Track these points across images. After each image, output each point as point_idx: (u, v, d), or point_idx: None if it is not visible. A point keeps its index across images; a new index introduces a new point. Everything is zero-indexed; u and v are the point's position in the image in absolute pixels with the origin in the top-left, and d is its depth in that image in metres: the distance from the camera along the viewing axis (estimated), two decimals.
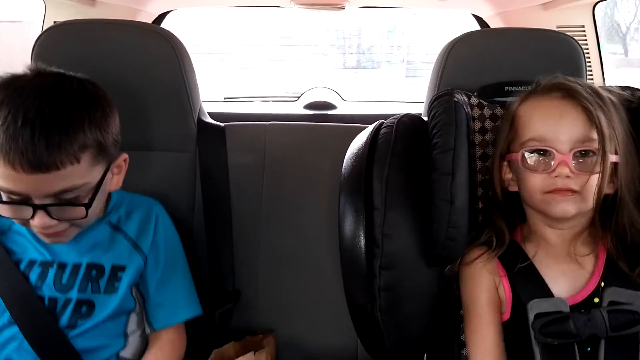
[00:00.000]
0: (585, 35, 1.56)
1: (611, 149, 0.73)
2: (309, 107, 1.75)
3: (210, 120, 1.13)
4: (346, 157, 0.87)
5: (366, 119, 1.07)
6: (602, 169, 0.72)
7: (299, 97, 1.88)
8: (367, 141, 0.85)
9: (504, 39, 1.01)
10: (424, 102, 1.04)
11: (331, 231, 0.92)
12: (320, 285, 1.07)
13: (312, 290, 1.08)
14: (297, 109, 1.77)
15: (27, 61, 1.00)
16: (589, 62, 1.56)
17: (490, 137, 0.87)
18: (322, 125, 1.23)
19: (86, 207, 0.76)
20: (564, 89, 0.76)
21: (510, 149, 0.80)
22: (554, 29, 1.52)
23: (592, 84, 0.79)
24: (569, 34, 1.03)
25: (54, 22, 1.47)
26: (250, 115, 1.67)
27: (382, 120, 0.89)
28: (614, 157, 0.74)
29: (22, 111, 0.70)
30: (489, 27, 1.76)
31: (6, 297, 0.82)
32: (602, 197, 0.73)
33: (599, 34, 1.57)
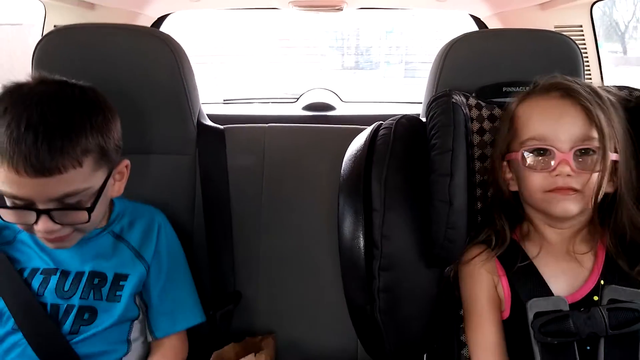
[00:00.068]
0: (583, 35, 1.56)
1: (611, 147, 0.73)
2: (307, 108, 1.76)
3: (209, 122, 1.14)
4: (345, 159, 0.87)
5: (365, 120, 1.07)
6: (602, 167, 0.72)
7: (298, 99, 1.88)
8: (365, 143, 0.85)
9: (502, 40, 1.01)
10: (422, 103, 1.04)
11: (330, 232, 0.92)
12: (319, 286, 1.07)
13: (311, 291, 1.08)
14: (296, 110, 1.77)
15: (28, 64, 1.01)
16: (587, 62, 1.56)
17: (488, 138, 0.87)
18: (321, 127, 1.23)
19: (89, 212, 0.77)
20: (563, 89, 0.76)
21: (509, 148, 0.80)
22: (552, 29, 1.52)
23: (591, 83, 0.79)
24: (566, 34, 1.03)
25: (54, 25, 1.48)
26: (249, 117, 1.68)
27: (381, 121, 0.89)
28: (614, 155, 0.74)
29: (25, 117, 0.71)
30: (487, 27, 1.76)
31: (10, 304, 0.83)
32: (602, 195, 0.73)
33: (598, 33, 1.57)
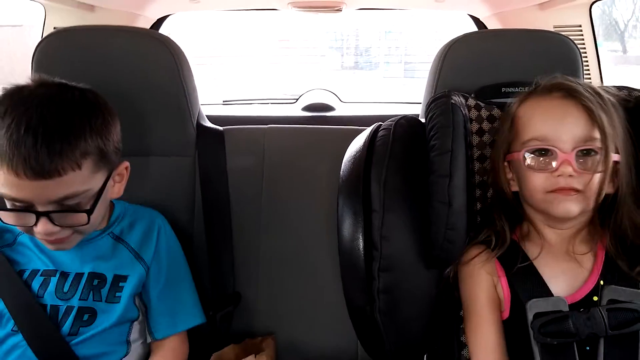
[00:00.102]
0: (582, 34, 1.56)
1: (612, 147, 0.73)
2: (307, 109, 1.76)
3: (209, 124, 1.14)
4: (344, 160, 0.87)
5: (364, 121, 1.07)
6: (604, 167, 0.72)
7: (297, 99, 1.88)
8: (364, 144, 0.85)
9: (501, 40, 1.01)
10: (421, 103, 1.04)
11: (330, 234, 0.92)
12: (319, 287, 1.07)
13: (311, 292, 1.08)
14: (296, 111, 1.77)
15: (28, 66, 1.01)
16: (586, 61, 1.56)
17: (487, 139, 0.87)
18: (321, 128, 1.23)
19: (88, 214, 0.77)
20: (565, 89, 0.76)
21: (510, 149, 0.80)
22: (551, 30, 1.52)
23: (590, 83, 0.79)
24: (566, 33, 1.03)
25: (54, 27, 1.48)
26: (248, 117, 1.68)
27: (380, 122, 0.89)
28: (616, 156, 0.74)
29: (25, 119, 0.72)
30: (486, 27, 1.77)
31: (10, 306, 0.83)
32: (603, 196, 0.73)
33: (597, 32, 1.57)
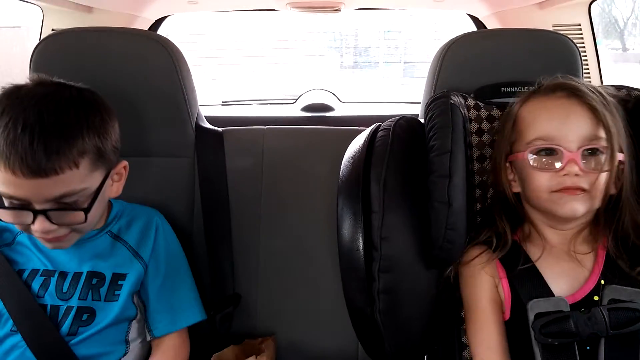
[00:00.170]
0: (581, 33, 1.56)
1: (617, 147, 0.73)
2: (306, 109, 1.76)
3: (208, 125, 1.14)
4: (344, 161, 0.87)
5: (363, 121, 1.07)
6: (610, 166, 0.72)
7: (297, 100, 1.88)
8: (364, 144, 0.85)
9: (500, 40, 1.01)
10: (421, 103, 1.04)
11: (330, 234, 0.92)
12: (319, 288, 1.07)
13: (311, 292, 1.08)
14: (295, 111, 1.77)
15: (26, 67, 1.01)
16: (586, 60, 1.56)
17: (487, 139, 0.87)
18: (320, 128, 1.23)
19: (85, 212, 0.77)
20: (568, 88, 0.76)
21: (513, 149, 0.80)
22: (550, 29, 1.52)
23: (590, 82, 0.79)
24: (565, 32, 1.03)
25: (52, 29, 1.48)
26: (247, 118, 1.68)
27: (379, 122, 0.89)
28: (620, 155, 0.74)
29: (22, 118, 0.72)
30: (485, 26, 1.77)
31: (9, 306, 0.83)
32: (608, 196, 0.73)
33: (596, 30, 1.57)
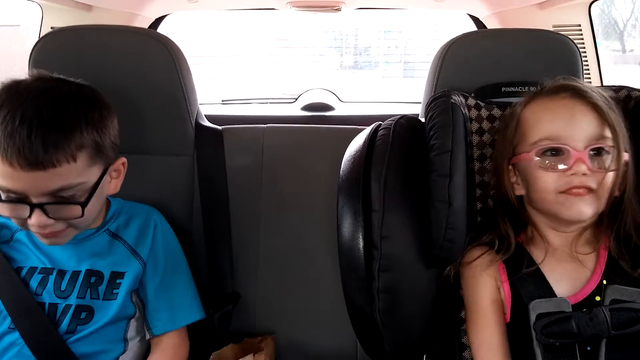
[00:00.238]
0: (581, 34, 1.56)
1: (623, 146, 0.73)
2: (306, 108, 1.75)
3: (207, 123, 1.14)
4: (344, 160, 0.87)
5: (364, 120, 1.07)
6: (617, 166, 0.72)
7: (297, 99, 1.88)
8: (364, 143, 0.85)
9: (501, 40, 1.01)
10: (421, 103, 1.04)
11: (330, 233, 0.92)
12: (319, 287, 1.07)
13: (311, 291, 1.08)
14: (295, 110, 1.77)
15: (26, 66, 1.00)
16: (586, 61, 1.56)
17: (487, 138, 0.87)
18: (320, 127, 1.23)
19: (82, 206, 0.77)
20: (572, 89, 0.76)
21: (516, 151, 0.79)
22: (550, 29, 1.52)
23: (590, 83, 0.79)
24: (565, 33, 1.03)
25: (51, 27, 1.47)
26: (247, 117, 1.68)
27: (380, 122, 0.89)
28: (626, 155, 0.74)
29: (20, 111, 0.72)
30: (485, 27, 1.76)
31: (7, 303, 0.83)
32: (614, 196, 0.73)
33: (596, 31, 1.57)
